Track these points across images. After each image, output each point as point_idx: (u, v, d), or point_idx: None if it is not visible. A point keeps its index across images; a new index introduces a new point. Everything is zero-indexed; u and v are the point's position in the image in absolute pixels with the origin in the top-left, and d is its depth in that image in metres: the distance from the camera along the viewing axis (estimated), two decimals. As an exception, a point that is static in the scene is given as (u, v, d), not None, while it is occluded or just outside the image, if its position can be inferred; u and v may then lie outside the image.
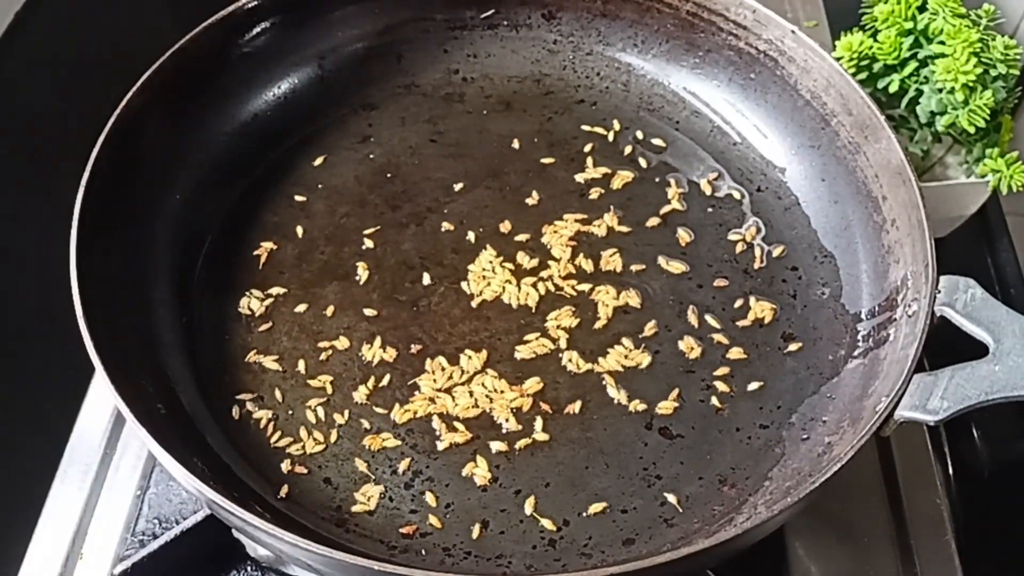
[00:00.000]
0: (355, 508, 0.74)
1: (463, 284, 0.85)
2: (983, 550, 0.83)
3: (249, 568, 0.78)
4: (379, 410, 0.79)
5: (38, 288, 0.88)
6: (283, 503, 0.74)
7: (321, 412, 0.79)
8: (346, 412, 0.79)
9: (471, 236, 0.88)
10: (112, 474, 0.84)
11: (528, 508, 0.74)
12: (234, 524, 0.69)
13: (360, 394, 0.79)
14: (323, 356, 0.81)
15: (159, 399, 0.74)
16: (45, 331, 0.88)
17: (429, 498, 0.75)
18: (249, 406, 0.79)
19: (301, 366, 0.81)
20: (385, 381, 0.80)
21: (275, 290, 0.85)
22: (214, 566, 0.78)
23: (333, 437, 0.77)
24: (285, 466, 0.76)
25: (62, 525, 0.81)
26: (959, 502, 0.83)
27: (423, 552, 0.72)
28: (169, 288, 0.83)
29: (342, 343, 0.82)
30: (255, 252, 0.87)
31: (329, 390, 0.80)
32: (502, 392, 0.79)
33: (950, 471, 0.86)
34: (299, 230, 0.89)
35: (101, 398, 0.88)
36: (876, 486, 0.83)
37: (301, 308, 0.84)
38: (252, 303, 0.84)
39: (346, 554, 0.64)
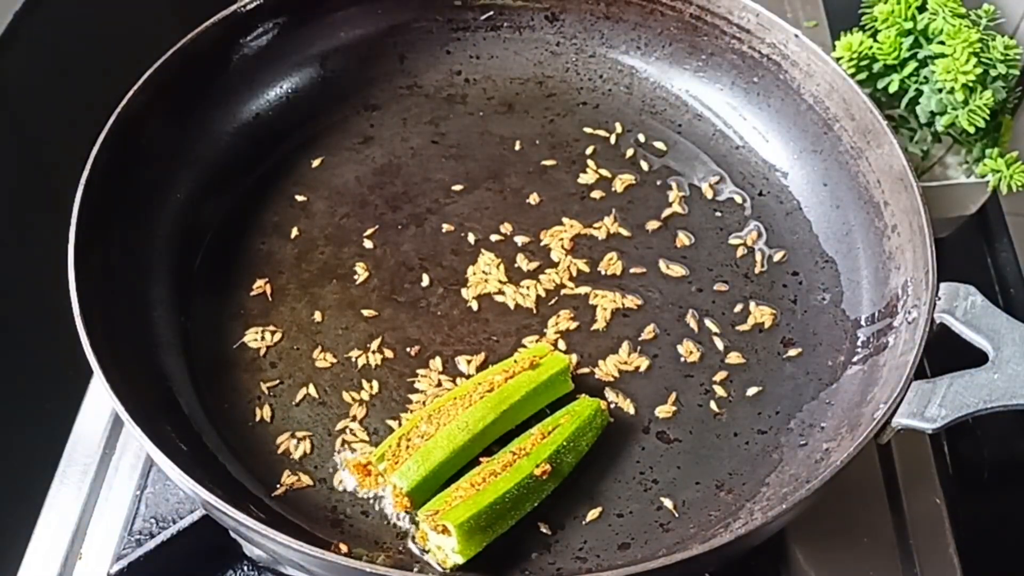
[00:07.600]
0: (350, 509, 0.74)
1: (462, 286, 0.85)
2: (983, 550, 0.82)
3: (246, 567, 0.78)
4: (376, 411, 0.79)
5: (38, 288, 0.88)
6: (279, 504, 0.74)
7: (318, 413, 0.79)
8: (343, 413, 0.79)
9: (471, 238, 0.88)
10: (111, 474, 0.84)
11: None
12: (229, 525, 0.69)
13: (358, 395, 0.79)
14: (320, 357, 0.81)
15: (156, 399, 0.75)
16: (45, 331, 0.89)
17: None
18: (246, 406, 0.79)
19: (298, 367, 0.81)
20: (383, 382, 0.80)
21: (274, 290, 0.85)
22: (211, 565, 0.78)
23: (329, 438, 0.77)
24: (281, 467, 0.76)
25: (61, 525, 0.81)
26: (959, 502, 0.83)
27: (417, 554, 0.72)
28: (168, 288, 0.83)
29: (340, 344, 0.82)
30: (254, 252, 0.87)
31: (326, 391, 0.80)
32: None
33: (950, 471, 0.86)
34: (299, 230, 0.89)
35: (101, 398, 0.88)
36: (876, 487, 0.83)
37: (299, 308, 0.84)
38: (250, 303, 0.84)
39: (340, 556, 0.64)
